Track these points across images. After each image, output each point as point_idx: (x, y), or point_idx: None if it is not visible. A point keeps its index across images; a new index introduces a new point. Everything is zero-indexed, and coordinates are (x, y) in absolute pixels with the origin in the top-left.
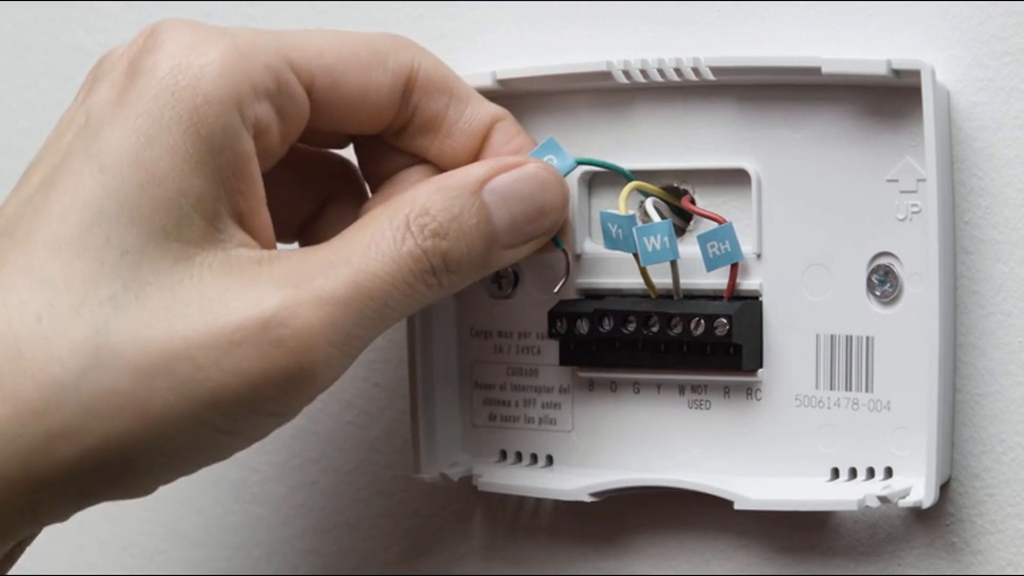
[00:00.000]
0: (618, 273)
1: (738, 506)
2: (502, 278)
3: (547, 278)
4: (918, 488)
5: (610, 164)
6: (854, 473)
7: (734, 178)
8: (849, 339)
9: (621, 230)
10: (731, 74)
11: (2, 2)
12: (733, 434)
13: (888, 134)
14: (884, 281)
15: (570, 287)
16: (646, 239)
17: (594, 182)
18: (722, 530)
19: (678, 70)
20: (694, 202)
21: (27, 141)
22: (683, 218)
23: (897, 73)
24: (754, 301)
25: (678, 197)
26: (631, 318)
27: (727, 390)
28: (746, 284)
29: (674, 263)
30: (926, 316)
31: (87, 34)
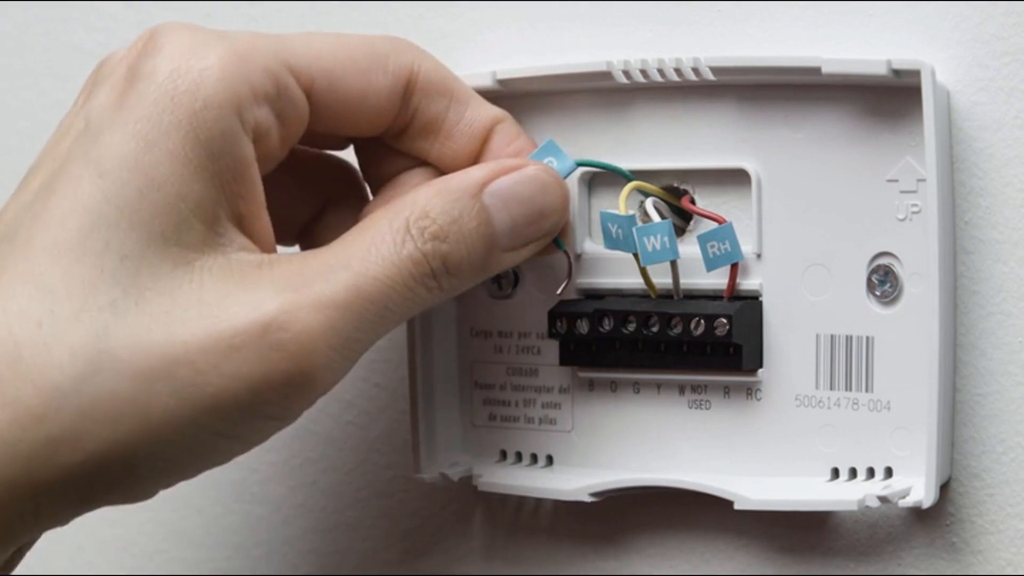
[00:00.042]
0: (618, 273)
1: (738, 506)
2: (502, 278)
3: (547, 278)
4: (918, 488)
5: (610, 165)
6: (854, 473)
7: (734, 178)
8: (849, 339)
9: (621, 230)
10: (731, 74)
11: (2, 2)
12: (733, 434)
13: (888, 134)
14: (884, 281)
15: (570, 287)
16: (646, 239)
17: (594, 182)
18: (722, 530)
19: (678, 70)
20: (694, 202)
21: (27, 141)
22: (683, 218)
23: (897, 73)
24: (754, 301)
25: (678, 197)
26: (631, 318)
27: (727, 390)
28: (746, 284)
29: (674, 263)
30: (926, 316)
31: (87, 34)
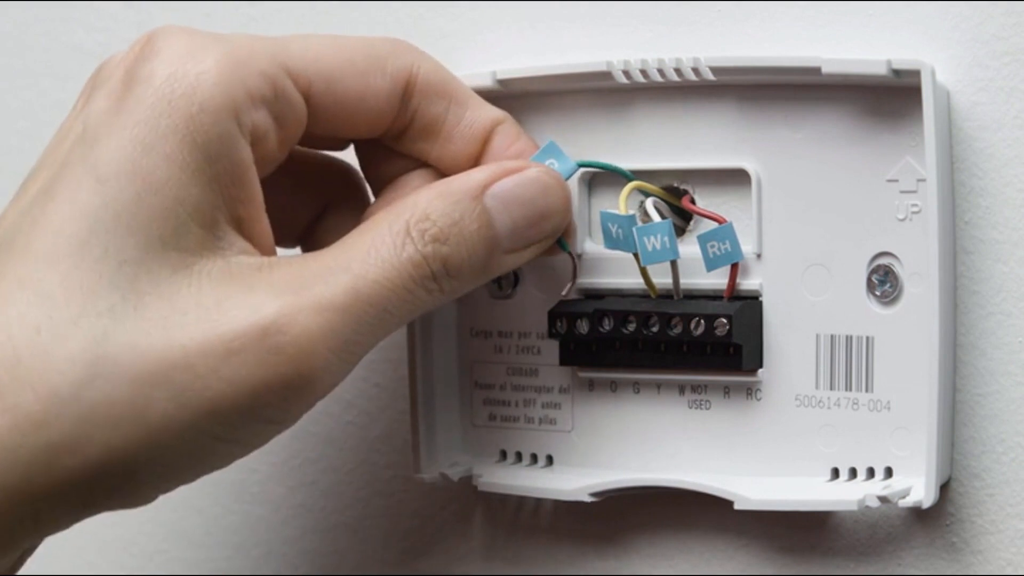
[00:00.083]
0: (618, 273)
1: (738, 506)
2: (502, 278)
3: (547, 278)
4: (918, 488)
5: (611, 165)
6: (854, 473)
7: (734, 178)
8: (849, 339)
9: (621, 230)
10: (731, 74)
11: (2, 2)
12: (733, 434)
13: (888, 134)
14: (884, 281)
15: (574, 288)
16: (646, 239)
17: (594, 182)
18: (722, 530)
19: (678, 70)
20: (694, 202)
21: (27, 141)
22: (683, 218)
23: (897, 73)
24: (754, 301)
25: (678, 197)
26: (631, 318)
27: (727, 390)
28: (746, 284)
29: (674, 263)
30: (926, 316)
31: (87, 34)
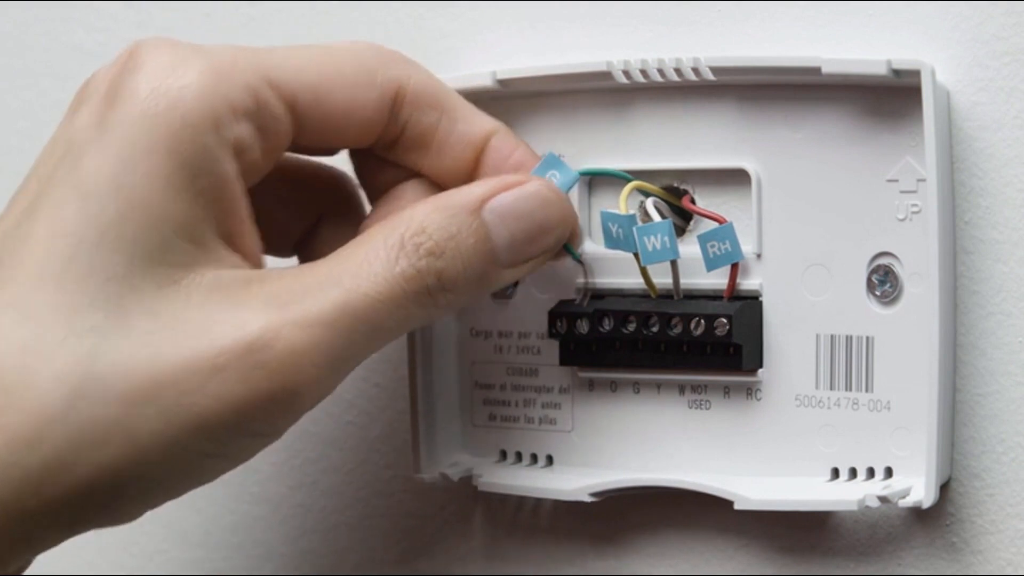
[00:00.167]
0: (618, 273)
1: (738, 506)
2: None
3: (548, 279)
4: (918, 488)
5: (612, 171)
6: (854, 473)
7: (734, 178)
8: (849, 339)
9: (621, 230)
10: (731, 74)
11: (2, 2)
12: (733, 434)
13: (888, 134)
14: (884, 281)
15: (570, 287)
16: (646, 239)
17: (594, 182)
18: (722, 530)
19: (678, 70)
20: (694, 202)
21: (27, 141)
22: (683, 218)
23: (897, 73)
24: (754, 301)
25: (678, 197)
26: (631, 318)
27: (727, 390)
28: (746, 284)
29: (674, 263)
30: (926, 316)
31: (87, 34)
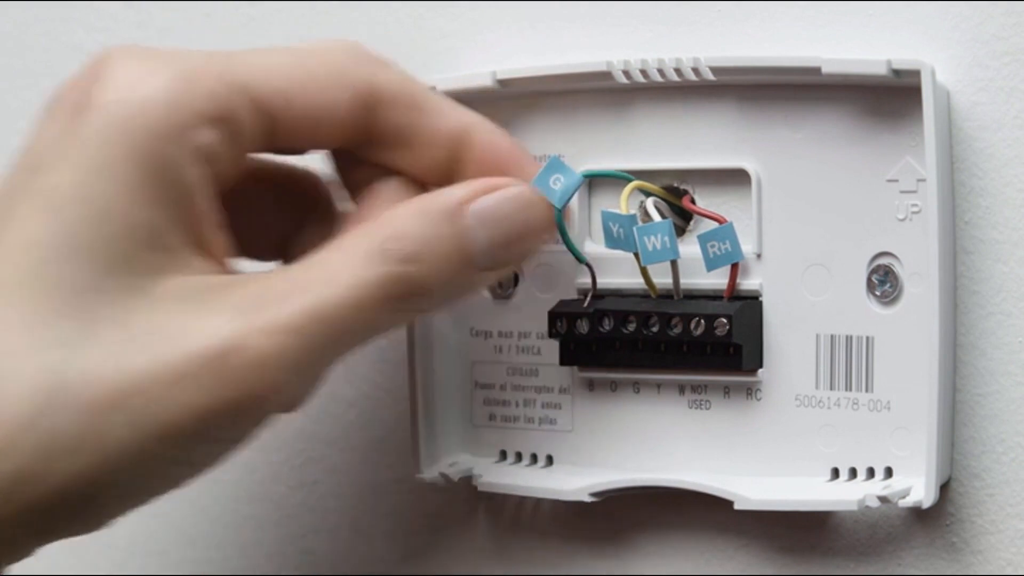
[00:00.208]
0: (618, 273)
1: (738, 506)
2: (502, 278)
3: (548, 278)
4: (918, 488)
5: (615, 172)
6: (854, 473)
7: (734, 178)
8: (849, 339)
9: (622, 229)
10: (731, 74)
11: (2, 2)
12: (733, 434)
13: (888, 134)
14: (884, 281)
15: (570, 287)
16: (647, 239)
17: (595, 182)
18: (722, 530)
19: (678, 70)
20: (694, 202)
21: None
22: (683, 218)
23: (897, 73)
24: (754, 301)
25: (678, 197)
26: (631, 318)
27: (727, 390)
28: (746, 284)
29: (674, 263)
30: (926, 316)
31: (87, 34)
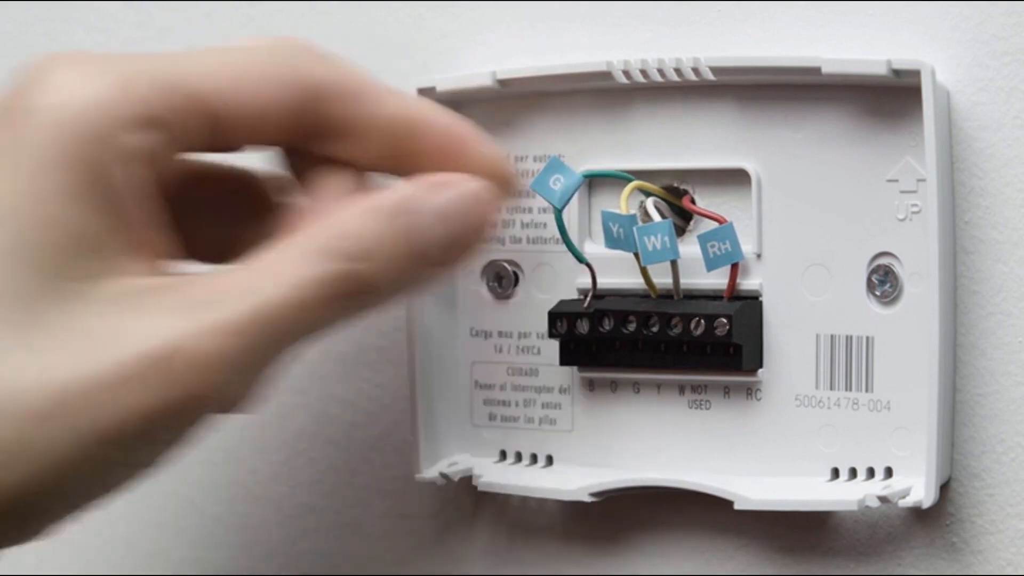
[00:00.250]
0: (618, 273)
1: (738, 506)
2: (502, 278)
3: (548, 278)
4: (918, 488)
5: (615, 172)
6: (854, 473)
7: (734, 178)
8: (849, 339)
9: (622, 229)
10: (731, 74)
11: (2, 2)
12: (733, 434)
13: (888, 134)
14: (884, 281)
15: (570, 287)
16: (646, 238)
17: (595, 182)
18: (722, 530)
19: (678, 70)
20: (694, 202)
21: None
22: (683, 218)
23: (897, 73)
24: (754, 301)
25: (678, 197)
26: (631, 318)
27: (727, 390)
28: (746, 284)
29: (674, 263)
30: (926, 316)
31: (87, 34)
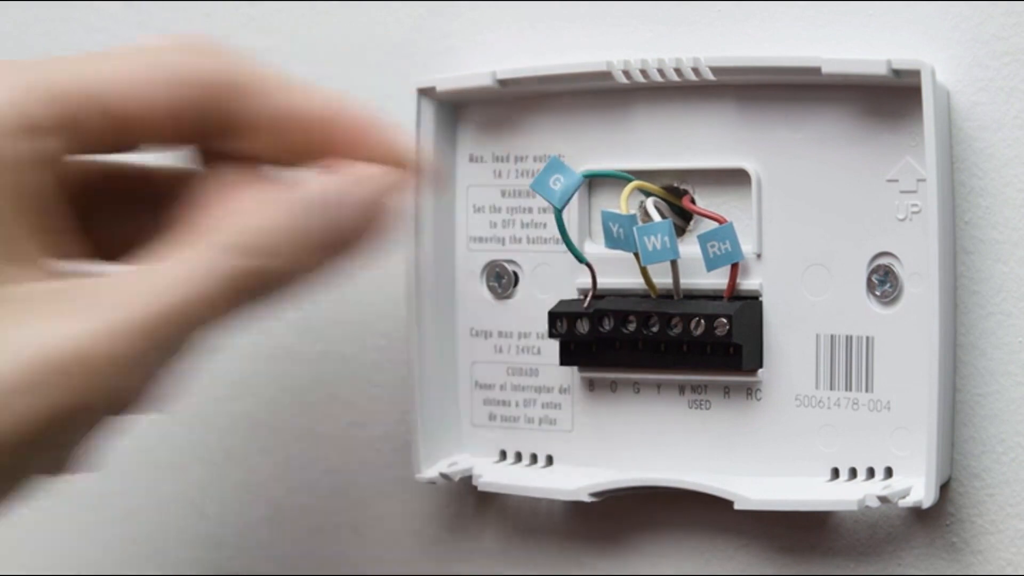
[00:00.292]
0: (618, 273)
1: (738, 506)
2: (502, 278)
3: (548, 278)
4: (918, 488)
5: (615, 172)
6: (854, 473)
7: (734, 178)
8: (849, 339)
9: (622, 229)
10: (731, 74)
11: (2, 2)
12: (733, 434)
13: (888, 134)
14: (884, 281)
15: (570, 287)
16: (647, 238)
17: (595, 182)
18: (722, 530)
19: (678, 70)
20: (694, 202)
21: None
22: (683, 218)
23: (897, 73)
24: (754, 301)
25: (678, 197)
26: (631, 318)
27: (727, 390)
28: (746, 284)
29: (674, 263)
30: (926, 316)
31: (87, 34)
